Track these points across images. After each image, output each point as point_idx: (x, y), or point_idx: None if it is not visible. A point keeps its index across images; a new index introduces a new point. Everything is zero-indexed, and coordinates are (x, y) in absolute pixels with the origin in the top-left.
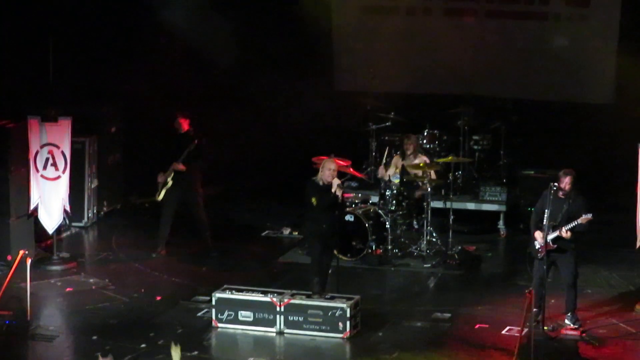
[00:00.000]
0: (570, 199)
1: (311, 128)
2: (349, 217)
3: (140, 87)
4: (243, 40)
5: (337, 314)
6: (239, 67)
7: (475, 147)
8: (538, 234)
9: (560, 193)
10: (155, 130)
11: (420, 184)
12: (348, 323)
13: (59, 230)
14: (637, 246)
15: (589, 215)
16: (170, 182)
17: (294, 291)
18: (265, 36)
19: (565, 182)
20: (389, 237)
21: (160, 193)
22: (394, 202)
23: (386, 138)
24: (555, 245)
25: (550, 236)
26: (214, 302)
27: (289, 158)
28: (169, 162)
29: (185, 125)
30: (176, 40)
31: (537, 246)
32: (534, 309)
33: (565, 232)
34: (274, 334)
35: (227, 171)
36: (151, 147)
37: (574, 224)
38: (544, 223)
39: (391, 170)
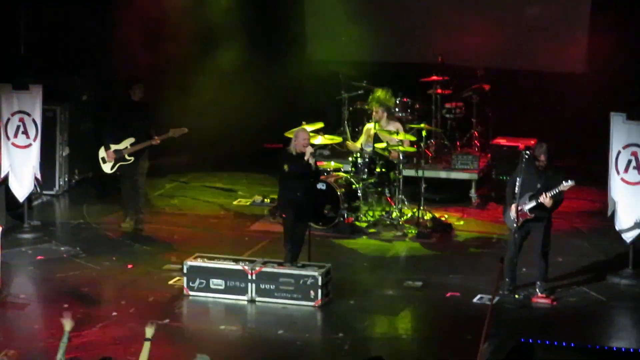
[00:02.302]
0: (548, 169)
1: (283, 96)
2: (321, 186)
3: (111, 56)
4: (215, 8)
5: (308, 282)
6: (211, 36)
7: (448, 115)
8: (514, 204)
9: (538, 163)
10: (124, 99)
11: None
12: (320, 291)
13: (29, 199)
14: (609, 214)
15: (571, 183)
16: (131, 159)
17: (266, 259)
18: (237, 4)
19: (541, 152)
20: (361, 205)
21: (113, 167)
22: (366, 170)
23: (358, 106)
24: (533, 215)
25: (528, 205)
26: (185, 271)
27: (261, 126)
28: (119, 132)
29: (140, 93)
30: (148, 9)
31: (512, 216)
32: (506, 278)
33: (547, 198)
34: (246, 302)
35: (199, 139)
36: None
37: (556, 191)
38: (517, 192)
39: (363, 138)
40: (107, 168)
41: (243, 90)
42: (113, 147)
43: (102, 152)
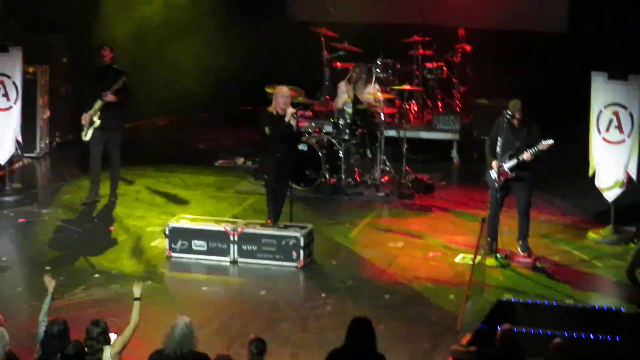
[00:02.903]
0: (525, 127)
1: (265, 58)
2: (302, 147)
3: (91, 18)
4: None
5: (290, 243)
6: None
7: (429, 76)
8: (495, 164)
9: (515, 121)
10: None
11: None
12: (302, 252)
13: (11, 161)
14: (590, 174)
15: (550, 141)
16: (97, 122)
17: (248, 220)
18: None
19: (516, 109)
20: (343, 166)
21: (87, 132)
22: (348, 131)
23: (339, 67)
24: (514, 174)
25: (509, 164)
26: (167, 232)
27: (243, 88)
28: (92, 98)
29: (108, 57)
30: None
31: (494, 175)
32: (488, 238)
33: (528, 156)
34: (228, 263)
35: (180, 101)
36: None
37: (535, 150)
38: (498, 151)
39: (342, 97)
40: (83, 135)
41: (222, 52)
42: (89, 112)
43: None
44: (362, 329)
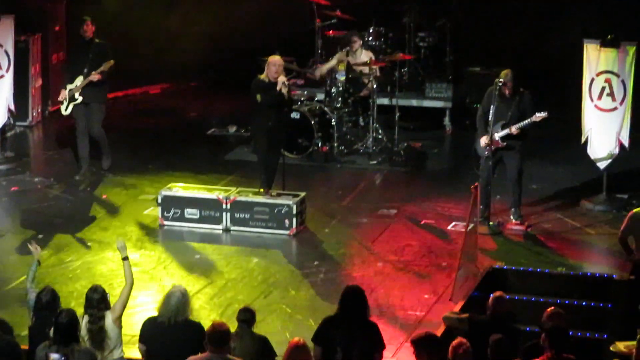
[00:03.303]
0: (517, 96)
1: (257, 25)
2: (294, 115)
3: None
4: None
5: (283, 211)
6: None
7: (421, 44)
8: (485, 138)
9: (506, 90)
10: (99, 27)
11: (365, 81)
12: (294, 220)
13: (3, 130)
14: (582, 141)
15: (543, 114)
16: (80, 98)
17: (240, 189)
18: None
19: (506, 78)
20: (335, 134)
21: (67, 107)
22: (340, 99)
23: (332, 35)
24: (505, 143)
25: (500, 134)
26: (160, 200)
27: (235, 56)
28: (71, 73)
29: (90, 31)
30: None
31: (484, 143)
32: (480, 205)
33: (515, 130)
34: (221, 232)
35: (172, 69)
36: None
37: (526, 122)
38: (490, 120)
39: (332, 63)
40: (62, 109)
41: (214, 20)
42: (68, 87)
43: (60, 95)
44: (354, 298)
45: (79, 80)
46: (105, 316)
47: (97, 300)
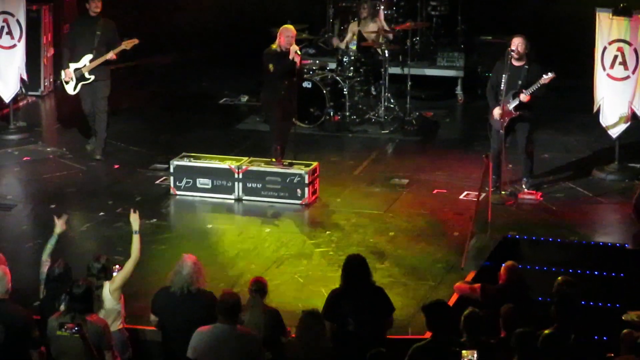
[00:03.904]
0: (526, 65)
1: None
2: (306, 84)
3: None
4: None
5: (295, 181)
6: None
7: (433, 12)
8: (497, 110)
9: (516, 56)
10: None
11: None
12: (306, 189)
13: (15, 99)
14: (594, 110)
15: (551, 74)
16: (91, 77)
17: (252, 158)
18: None
19: (517, 43)
20: (347, 103)
21: (75, 86)
22: (352, 68)
23: (343, 4)
24: (518, 113)
25: (512, 104)
26: (172, 170)
27: (246, 25)
28: (77, 51)
29: (99, 8)
30: None
31: (497, 113)
32: (492, 176)
33: (525, 96)
34: (233, 201)
35: (183, 38)
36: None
37: (536, 87)
38: (502, 89)
39: (348, 37)
40: (69, 89)
41: None
42: (73, 65)
43: (62, 74)
44: (357, 267)
45: (87, 59)
46: (104, 286)
47: (98, 269)
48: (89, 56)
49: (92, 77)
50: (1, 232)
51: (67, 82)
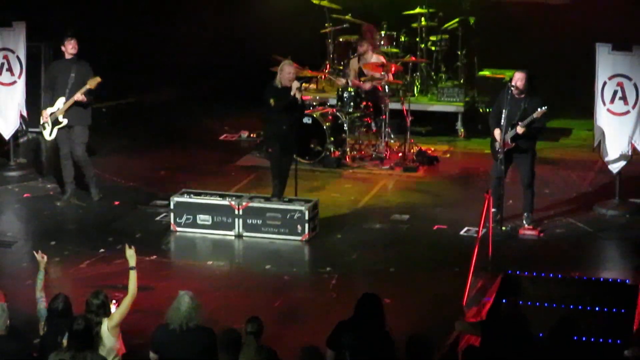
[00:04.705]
0: (527, 98)
1: (268, 30)
2: (307, 120)
3: None
4: None
5: (295, 217)
6: None
7: (433, 48)
8: (497, 133)
9: (516, 92)
10: (111, 34)
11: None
12: (307, 225)
13: (15, 136)
14: (595, 145)
15: (544, 109)
16: (64, 121)
17: (253, 194)
18: None
19: (518, 78)
20: (347, 139)
21: (51, 132)
22: (352, 104)
23: (342, 40)
24: (514, 144)
25: (510, 134)
26: (172, 206)
27: (247, 61)
28: (51, 93)
29: (75, 49)
30: None
31: (497, 147)
32: (493, 210)
33: (520, 128)
34: (233, 237)
35: (183, 75)
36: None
37: (529, 119)
38: (503, 124)
39: (352, 75)
40: (46, 134)
41: (224, 23)
42: (49, 110)
43: (41, 119)
44: (369, 305)
45: (60, 102)
46: (102, 322)
47: (97, 305)
48: (62, 99)
49: (66, 121)
50: (1, 269)
51: (44, 128)
